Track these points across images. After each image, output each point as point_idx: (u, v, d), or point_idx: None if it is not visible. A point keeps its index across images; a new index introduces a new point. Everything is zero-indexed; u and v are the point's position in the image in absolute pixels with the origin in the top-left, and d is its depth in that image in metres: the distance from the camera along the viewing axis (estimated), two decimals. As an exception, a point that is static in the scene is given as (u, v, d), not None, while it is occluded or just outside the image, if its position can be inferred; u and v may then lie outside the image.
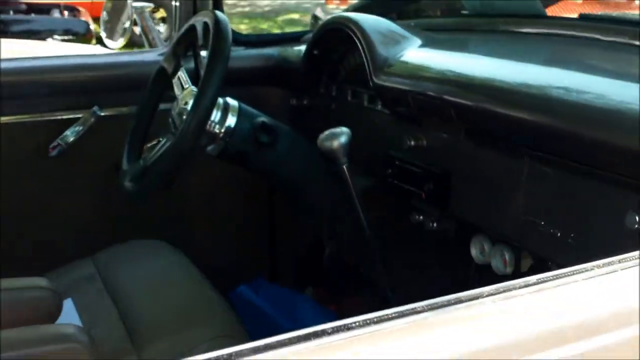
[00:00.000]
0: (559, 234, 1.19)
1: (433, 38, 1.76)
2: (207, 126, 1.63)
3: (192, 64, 1.82)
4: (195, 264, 1.96)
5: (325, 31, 1.90)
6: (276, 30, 8.42)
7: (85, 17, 7.53)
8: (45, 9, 7.52)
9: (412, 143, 1.54)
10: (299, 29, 7.14)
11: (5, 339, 1.20)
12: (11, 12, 7.31)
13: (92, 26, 7.37)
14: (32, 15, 7.34)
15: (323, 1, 7.89)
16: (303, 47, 2.23)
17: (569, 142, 1.17)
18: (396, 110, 1.62)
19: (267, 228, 2.40)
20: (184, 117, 1.67)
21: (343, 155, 1.51)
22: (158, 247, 2.04)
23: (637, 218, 1.02)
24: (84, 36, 7.20)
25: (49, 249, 2.13)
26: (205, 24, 1.68)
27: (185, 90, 1.75)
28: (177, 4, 2.17)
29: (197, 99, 1.52)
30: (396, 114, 1.64)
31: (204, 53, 1.71)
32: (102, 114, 2.10)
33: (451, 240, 1.58)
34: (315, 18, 6.00)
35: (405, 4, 2.34)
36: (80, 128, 2.07)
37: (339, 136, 1.50)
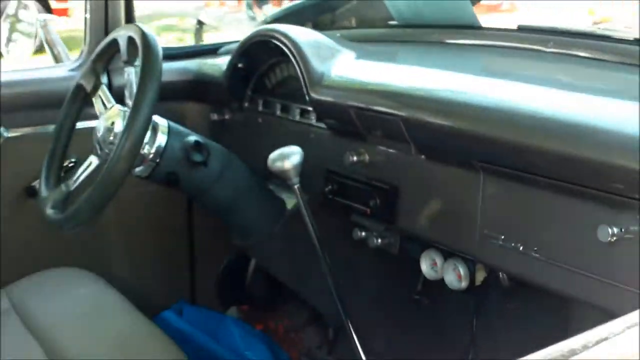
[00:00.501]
0: (521, 248, 1.18)
1: (367, 50, 1.74)
2: None
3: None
4: (115, 290, 1.87)
5: (251, 43, 1.84)
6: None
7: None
8: None
9: (355, 158, 1.51)
10: (176, 34, 7.01)
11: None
12: None
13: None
14: None
15: (202, 5, 7.74)
16: (221, 59, 2.17)
17: (524, 156, 1.16)
18: (335, 125, 1.58)
19: (187, 248, 2.32)
20: (113, 138, 1.58)
21: (295, 176, 1.46)
22: (76, 275, 1.93)
23: (609, 231, 1.02)
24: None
25: None
26: (131, 39, 1.59)
27: (109, 109, 1.66)
28: (88, 16, 2.06)
29: (131, 119, 1.43)
30: (334, 129, 1.61)
31: (128, 69, 1.63)
32: (9, 135, 1.96)
33: (397, 255, 1.56)
34: (200, 23, 5.89)
35: (320, 15, 2.32)
36: (-15, 151, 1.93)
37: (291, 156, 1.45)
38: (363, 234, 1.58)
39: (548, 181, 1.13)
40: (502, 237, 1.21)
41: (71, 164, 1.80)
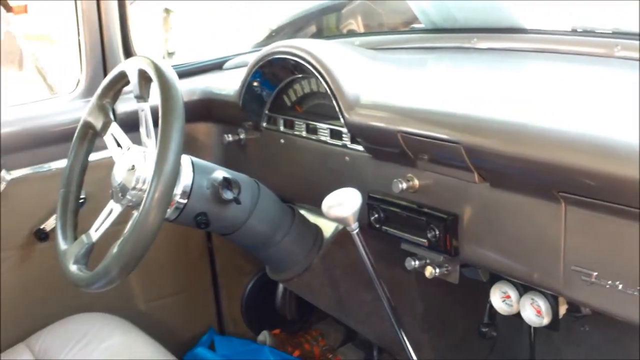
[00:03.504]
0: (620, 286, 1.07)
1: (397, 60, 1.61)
2: None
3: None
4: (142, 331, 1.77)
5: (267, 60, 1.70)
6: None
7: None
8: None
9: (404, 185, 1.39)
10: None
11: None
12: None
13: None
14: None
15: None
16: (228, 75, 2.04)
17: (616, 187, 1.04)
18: (376, 148, 1.46)
19: (209, 276, 2.20)
20: (136, 183, 1.44)
21: (354, 221, 1.34)
22: (99, 320, 1.82)
23: None
24: None
25: None
26: (142, 72, 1.45)
27: (125, 150, 1.52)
28: (82, 40, 1.90)
29: (159, 166, 1.29)
30: (374, 153, 1.48)
31: (141, 105, 1.49)
32: (12, 177, 1.82)
33: (458, 284, 1.44)
34: (167, 11, 5.72)
35: (324, 17, 2.19)
36: (-11, 196, 1.79)
37: (350, 201, 1.32)
38: (416, 263, 1.46)
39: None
40: (595, 273, 1.10)
41: (80, 200, 1.67)
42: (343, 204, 1.33)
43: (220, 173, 1.52)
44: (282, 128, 1.77)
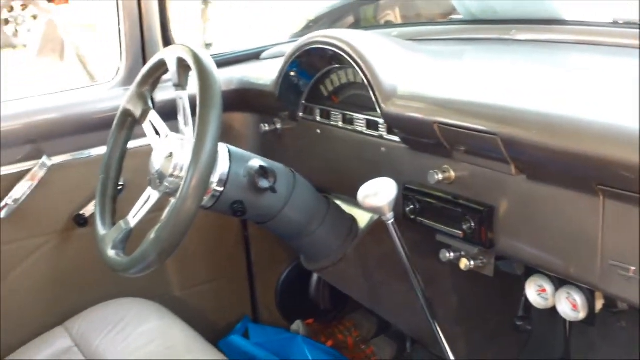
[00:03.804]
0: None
1: (436, 52, 1.61)
2: None
3: None
4: (178, 317, 1.79)
5: (305, 50, 1.71)
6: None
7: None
8: None
9: (440, 176, 1.38)
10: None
11: None
12: None
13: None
14: None
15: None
16: (265, 65, 2.05)
17: None
18: (413, 139, 1.46)
19: (244, 264, 2.23)
20: (173, 170, 1.46)
21: (389, 211, 1.34)
22: (136, 305, 1.85)
23: None
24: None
25: (15, 321, 1.89)
26: (181, 60, 1.46)
27: (163, 137, 1.54)
28: (122, 29, 1.93)
29: (197, 152, 1.30)
30: (411, 144, 1.48)
31: (179, 93, 1.51)
32: (52, 163, 1.85)
33: (493, 277, 1.44)
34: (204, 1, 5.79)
35: (363, 10, 2.19)
36: (30, 182, 1.82)
37: (385, 191, 1.33)
38: (451, 255, 1.46)
39: None
40: (633, 268, 1.09)
41: (119, 187, 1.69)
42: (379, 194, 1.33)
43: (257, 162, 1.53)
44: (318, 118, 1.78)
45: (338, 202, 1.74)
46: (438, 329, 1.48)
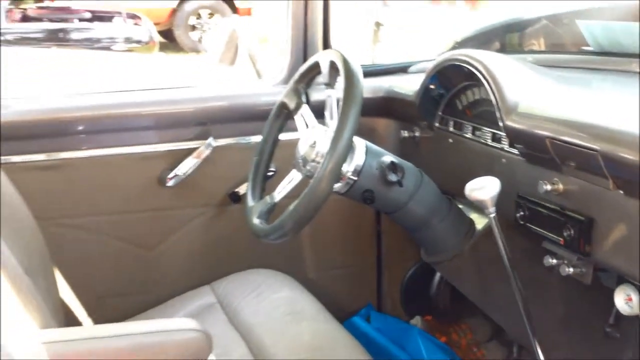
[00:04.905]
0: None
1: (561, 77, 1.75)
2: None
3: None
4: (308, 292, 2.00)
5: (444, 66, 1.90)
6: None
7: (147, 24, 7.60)
8: (107, 17, 7.62)
9: (548, 187, 1.53)
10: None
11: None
12: (75, 21, 7.41)
13: (155, 34, 7.46)
14: (95, 23, 7.44)
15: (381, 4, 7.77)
16: (411, 78, 2.25)
17: None
18: (529, 152, 1.61)
19: (374, 256, 2.42)
20: (315, 156, 1.70)
21: (492, 205, 1.51)
22: (273, 276, 2.08)
23: None
24: (147, 44, 7.30)
25: (167, 277, 2.19)
26: (333, 63, 1.70)
27: (311, 128, 1.78)
28: (289, 36, 2.20)
29: (335, 141, 1.54)
30: (527, 156, 1.63)
31: (328, 91, 1.74)
32: (216, 144, 2.14)
33: (590, 285, 1.57)
34: (377, 25, 6.04)
35: (508, 34, 2.34)
36: (196, 159, 2.12)
37: (489, 186, 1.50)
38: (554, 261, 1.59)
39: None
40: None
41: (270, 173, 1.94)
42: (484, 188, 1.50)
43: (389, 158, 1.74)
44: (451, 129, 1.96)
45: (460, 206, 1.92)
46: (534, 332, 1.60)
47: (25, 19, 7.29)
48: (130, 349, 1.40)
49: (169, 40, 8.89)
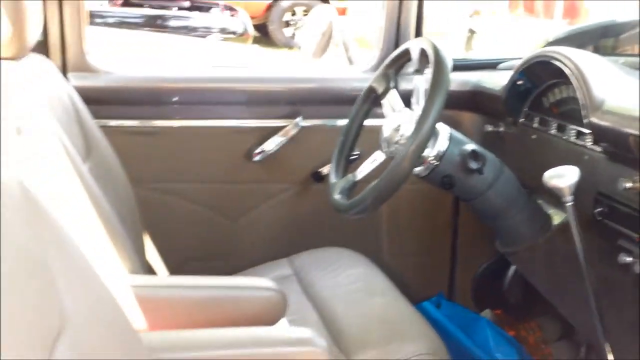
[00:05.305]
0: None
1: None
2: None
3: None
4: (382, 273, 2.05)
5: (532, 63, 1.93)
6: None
7: (243, 17, 7.77)
8: (206, 7, 7.82)
9: (628, 185, 1.55)
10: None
11: (239, 338, 1.31)
12: (174, 9, 7.63)
13: (250, 27, 7.63)
14: (193, 12, 7.64)
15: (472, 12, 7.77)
16: (500, 74, 2.27)
17: None
18: (611, 150, 1.63)
19: (449, 246, 2.46)
20: (399, 138, 1.75)
21: (569, 194, 1.54)
22: (350, 255, 2.15)
23: None
24: (241, 35, 7.47)
25: (246, 248, 2.28)
26: (423, 51, 1.75)
27: (397, 112, 1.84)
28: (383, 26, 2.26)
29: (419, 124, 1.59)
30: (609, 153, 1.65)
31: (417, 78, 1.80)
32: (303, 124, 2.22)
33: None
34: (471, 32, 6.06)
35: (602, 38, 2.34)
36: (283, 138, 2.20)
37: (568, 175, 1.53)
38: (629, 259, 1.61)
39: None
40: None
41: (354, 157, 2.01)
42: (563, 177, 1.54)
43: (471, 146, 1.78)
44: (535, 125, 1.98)
45: (539, 201, 1.94)
46: (604, 330, 1.62)
47: (127, 4, 7.56)
48: (208, 300, 1.49)
49: (263, 34, 9.06)
